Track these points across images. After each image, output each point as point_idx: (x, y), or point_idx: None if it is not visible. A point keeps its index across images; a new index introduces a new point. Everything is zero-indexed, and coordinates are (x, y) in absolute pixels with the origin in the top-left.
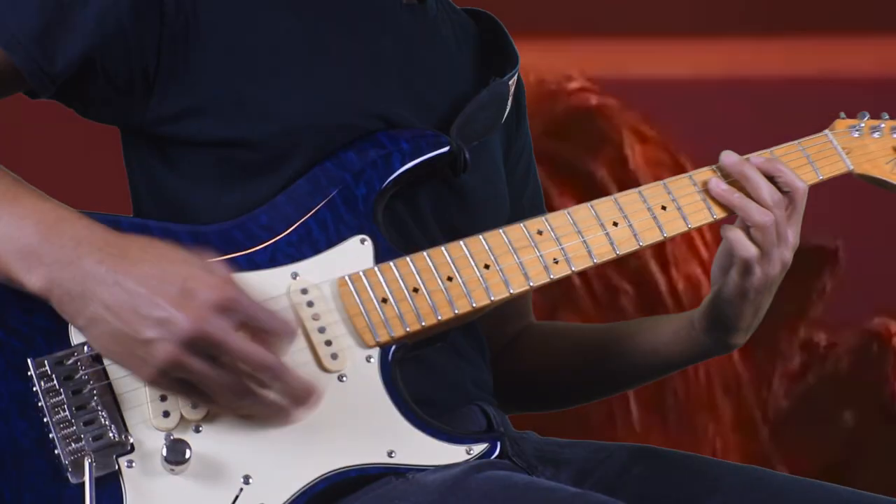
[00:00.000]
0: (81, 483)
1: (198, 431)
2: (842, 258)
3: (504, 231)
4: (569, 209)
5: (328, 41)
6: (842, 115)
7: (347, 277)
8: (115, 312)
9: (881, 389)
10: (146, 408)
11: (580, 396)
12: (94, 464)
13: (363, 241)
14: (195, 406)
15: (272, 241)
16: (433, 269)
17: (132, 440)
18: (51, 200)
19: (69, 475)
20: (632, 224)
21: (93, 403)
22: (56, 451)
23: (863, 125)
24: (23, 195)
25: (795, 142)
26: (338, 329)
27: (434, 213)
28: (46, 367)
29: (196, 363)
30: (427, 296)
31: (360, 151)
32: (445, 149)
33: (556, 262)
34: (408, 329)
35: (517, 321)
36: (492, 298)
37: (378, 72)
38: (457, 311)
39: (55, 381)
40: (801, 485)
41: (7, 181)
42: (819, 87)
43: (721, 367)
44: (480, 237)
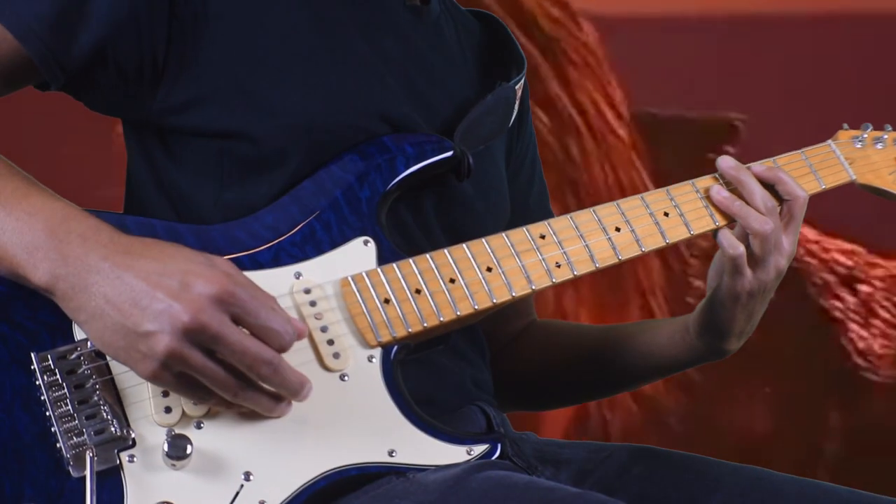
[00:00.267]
0: (83, 477)
1: (199, 427)
2: (742, 131)
3: (507, 234)
4: (571, 214)
5: (333, 40)
6: (844, 126)
7: (350, 278)
8: (116, 306)
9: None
10: (148, 403)
11: (579, 396)
12: (96, 458)
13: (366, 243)
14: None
15: (276, 242)
16: (435, 271)
17: (134, 435)
18: (61, 200)
19: (70, 469)
20: (634, 229)
21: (95, 398)
22: (58, 445)
23: (865, 136)
24: (33, 193)
25: (798, 151)
26: (340, 329)
27: (437, 217)
28: (49, 362)
29: (195, 355)
30: (429, 297)
31: (365, 155)
32: (449, 153)
33: (559, 266)
34: (410, 330)
35: (520, 320)
36: (494, 301)
37: (381, 72)
38: (459, 313)
39: (58, 376)
40: (801, 484)
41: (18, 178)
42: None
43: None
44: (483, 240)
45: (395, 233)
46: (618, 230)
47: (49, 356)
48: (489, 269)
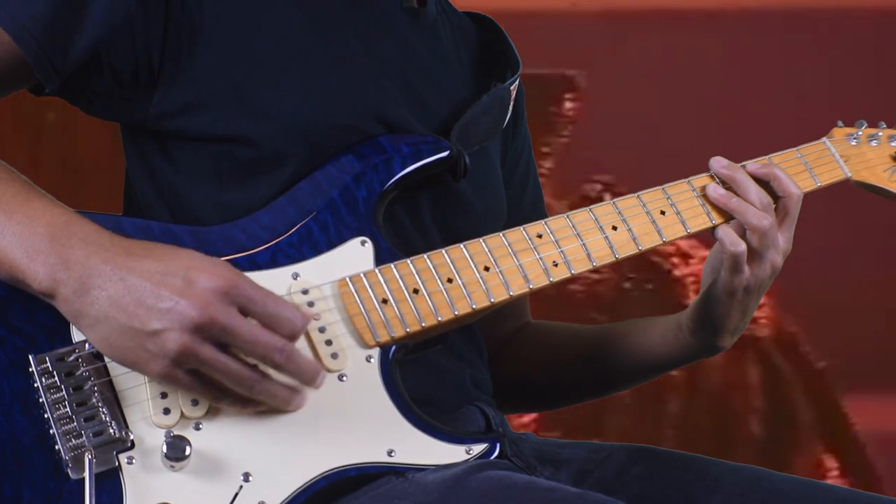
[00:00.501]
0: (81, 479)
1: (198, 429)
2: (580, 84)
3: (504, 234)
4: (568, 213)
5: (330, 42)
6: (839, 124)
7: (348, 278)
8: (121, 308)
9: None
10: (147, 405)
11: (575, 396)
12: (95, 460)
13: (364, 243)
14: (196, 403)
15: (273, 242)
16: (433, 271)
17: (132, 437)
18: (61, 205)
19: (69, 471)
20: (631, 228)
21: (93, 400)
22: (56, 447)
23: (860, 133)
24: (34, 198)
25: (793, 149)
26: (338, 329)
27: (433, 218)
28: (48, 364)
29: (207, 350)
30: (427, 297)
31: (362, 155)
32: (445, 153)
33: (556, 265)
34: (408, 330)
35: (514, 321)
36: (492, 300)
37: (378, 73)
38: (456, 313)
39: (56, 378)
40: (800, 484)
41: (19, 184)
42: None
43: None
44: (480, 240)
45: (393, 233)
46: (614, 229)
47: (47, 358)
48: (487, 269)
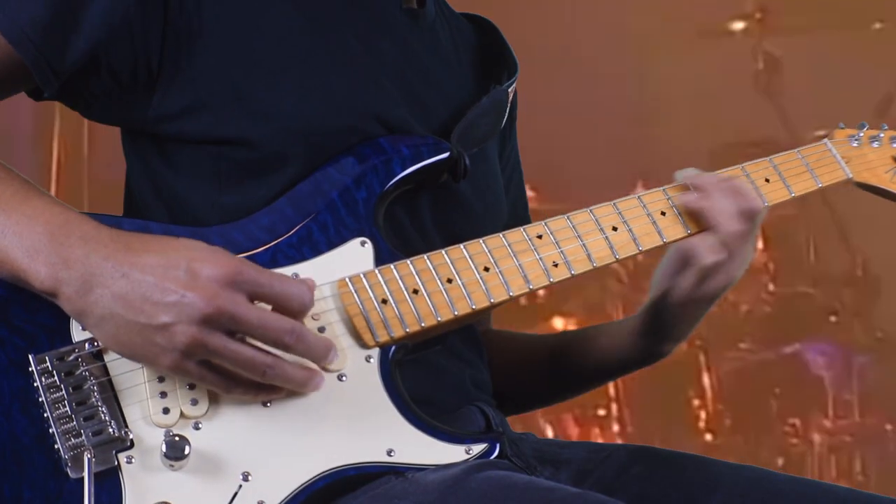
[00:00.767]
0: (81, 478)
1: (197, 428)
2: None
3: (504, 235)
4: (568, 214)
5: (329, 42)
6: (841, 125)
7: (347, 279)
8: (127, 304)
9: None
10: (146, 404)
11: (535, 401)
12: (94, 459)
13: (363, 244)
14: (196, 403)
15: (273, 243)
16: (433, 271)
17: (132, 436)
18: (60, 203)
19: (69, 470)
20: (631, 229)
21: (93, 399)
22: (56, 447)
23: (861, 135)
24: (33, 196)
25: (795, 150)
26: (337, 329)
27: (433, 219)
28: (47, 364)
29: (217, 339)
30: (427, 297)
31: (362, 156)
32: (445, 154)
33: (556, 266)
34: (407, 330)
35: (481, 326)
36: (491, 300)
37: (378, 74)
38: (456, 313)
39: (56, 377)
40: (800, 484)
41: (17, 183)
42: None
43: None
44: (480, 241)
45: (392, 234)
46: (615, 230)
47: (47, 358)
48: (486, 269)
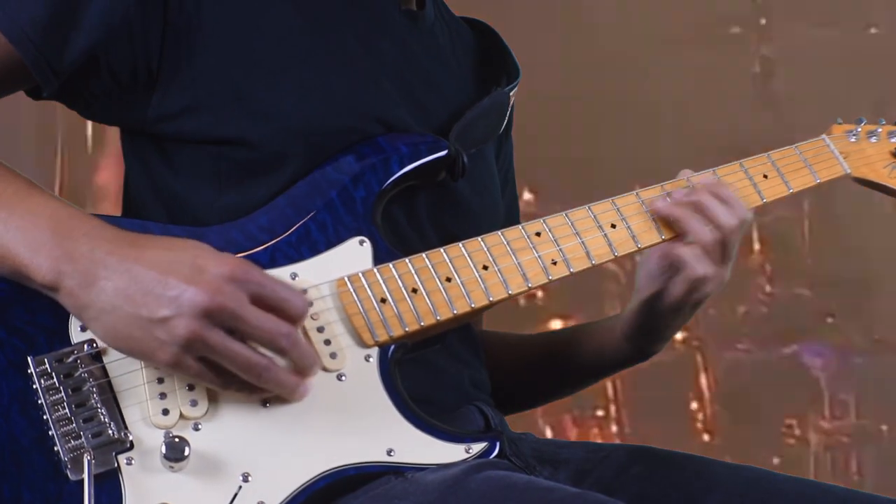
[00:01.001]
0: (80, 480)
1: (197, 429)
2: None
3: (502, 233)
4: (566, 212)
5: (329, 42)
6: (838, 120)
7: (346, 278)
8: (128, 297)
9: None
10: (145, 405)
11: (529, 400)
12: (94, 461)
13: (362, 243)
14: (195, 404)
15: (272, 243)
16: (432, 270)
17: (131, 437)
18: (63, 200)
19: (68, 472)
20: (630, 226)
21: (92, 401)
22: (56, 449)
23: (859, 130)
24: (36, 193)
25: (792, 146)
26: (336, 328)
27: (431, 218)
28: (46, 365)
29: (216, 335)
30: (426, 296)
31: (360, 155)
32: (443, 153)
33: (555, 264)
34: (406, 329)
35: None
36: (490, 299)
37: (377, 75)
38: (455, 312)
39: (55, 379)
40: (800, 484)
41: (21, 180)
42: None
43: None
44: (479, 239)
45: (390, 232)
46: (613, 227)
47: (46, 360)
48: (485, 268)
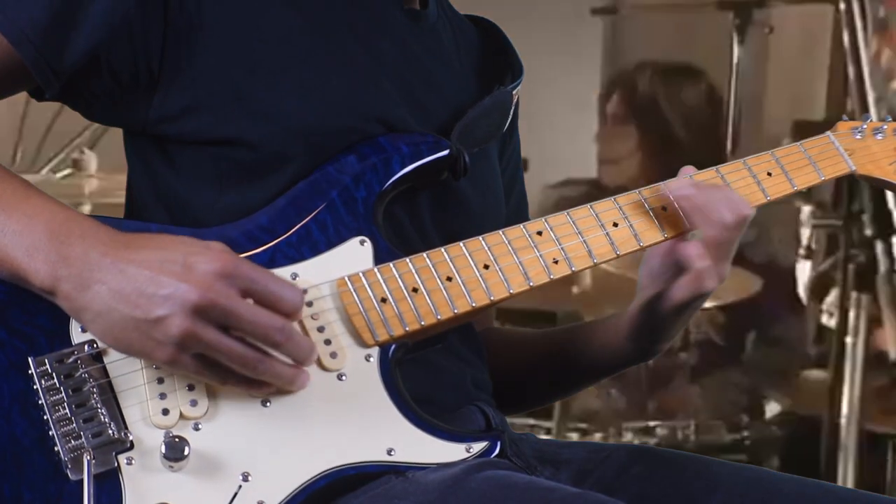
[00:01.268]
0: (81, 480)
1: (197, 429)
2: None
3: (503, 232)
4: (568, 210)
5: (329, 42)
6: (844, 118)
7: (347, 278)
8: (123, 298)
9: None
10: (146, 405)
11: (532, 400)
12: (94, 461)
13: (363, 243)
14: (195, 404)
15: (272, 243)
16: (432, 269)
17: (132, 437)
18: (59, 203)
19: (69, 472)
20: (632, 225)
21: (92, 401)
22: (56, 449)
23: (865, 127)
24: (32, 195)
25: (797, 143)
26: (337, 328)
27: (432, 218)
28: (47, 366)
29: (210, 332)
30: (426, 296)
31: (361, 155)
32: (445, 152)
33: (556, 263)
34: (407, 328)
35: (479, 325)
36: (491, 298)
37: (377, 74)
38: (456, 311)
39: (55, 380)
40: (800, 484)
41: (17, 182)
42: None
43: None
44: (480, 238)
45: (392, 232)
46: (615, 225)
47: (46, 360)
48: (486, 267)
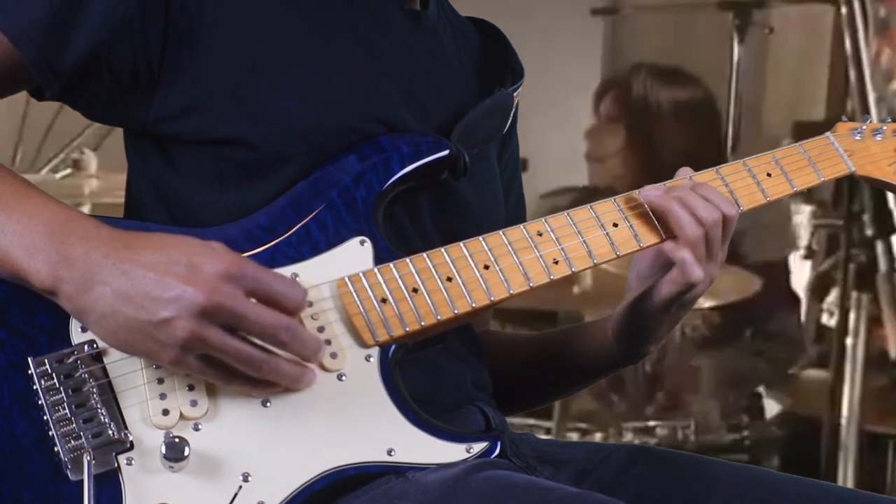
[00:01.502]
0: (81, 480)
1: (197, 429)
2: None
3: (504, 232)
4: (568, 211)
5: (329, 43)
6: (843, 119)
7: (347, 278)
8: (128, 300)
9: None
10: (146, 406)
11: (529, 401)
12: (94, 461)
13: (363, 243)
14: (195, 404)
15: (272, 243)
16: (432, 270)
17: (131, 438)
18: (60, 202)
19: (69, 472)
20: (632, 225)
21: (92, 401)
22: (56, 449)
23: (864, 128)
24: (33, 195)
25: (796, 144)
26: (337, 328)
27: (432, 218)
28: (47, 366)
29: (215, 334)
30: (426, 296)
31: (361, 155)
32: (445, 152)
33: (556, 263)
34: (407, 329)
35: (477, 327)
36: (491, 298)
37: (377, 75)
38: (456, 311)
39: (55, 380)
40: (800, 484)
41: (17, 182)
42: None
43: None
44: (480, 238)
45: (392, 233)
46: (615, 226)
47: (46, 361)
48: (486, 267)
